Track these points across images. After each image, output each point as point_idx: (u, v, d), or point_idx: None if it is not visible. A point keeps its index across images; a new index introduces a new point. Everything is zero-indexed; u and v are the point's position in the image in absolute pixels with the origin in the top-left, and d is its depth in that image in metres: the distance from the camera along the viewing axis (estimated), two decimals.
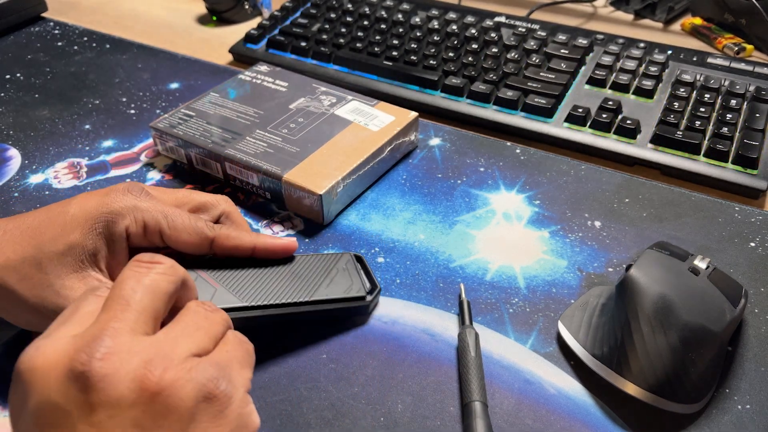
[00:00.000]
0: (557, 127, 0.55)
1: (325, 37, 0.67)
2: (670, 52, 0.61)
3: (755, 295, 0.41)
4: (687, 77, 0.57)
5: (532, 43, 0.62)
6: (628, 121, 0.53)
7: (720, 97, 0.56)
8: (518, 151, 0.54)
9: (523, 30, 0.65)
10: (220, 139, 0.50)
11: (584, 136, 0.54)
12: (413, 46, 0.64)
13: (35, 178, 0.52)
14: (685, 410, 0.34)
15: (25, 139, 0.56)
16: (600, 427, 0.34)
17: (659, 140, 0.52)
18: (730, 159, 0.50)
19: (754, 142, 0.50)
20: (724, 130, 0.51)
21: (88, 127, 0.58)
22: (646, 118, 0.54)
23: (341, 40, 0.65)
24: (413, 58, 0.62)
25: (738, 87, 0.55)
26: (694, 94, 0.56)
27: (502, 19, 0.67)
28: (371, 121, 0.52)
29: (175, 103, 0.61)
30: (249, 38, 0.69)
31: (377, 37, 0.65)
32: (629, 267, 0.37)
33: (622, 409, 0.34)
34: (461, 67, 0.61)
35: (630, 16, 0.79)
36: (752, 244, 0.44)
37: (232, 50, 0.69)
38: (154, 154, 0.54)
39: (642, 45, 0.62)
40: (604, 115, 0.54)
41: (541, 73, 0.59)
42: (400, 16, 0.68)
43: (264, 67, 0.59)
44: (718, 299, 0.35)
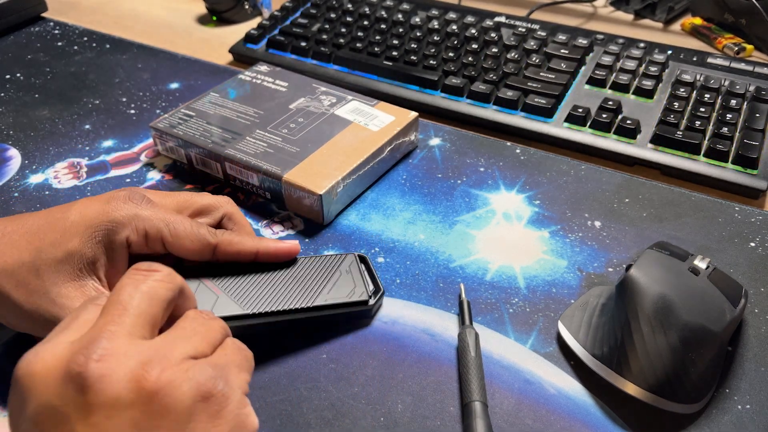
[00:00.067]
0: (557, 127, 0.55)
1: (325, 37, 0.67)
2: (670, 52, 0.61)
3: (755, 295, 0.41)
4: (687, 77, 0.57)
5: (532, 43, 0.62)
6: (628, 121, 0.53)
7: (720, 97, 0.56)
8: (518, 151, 0.54)
9: (523, 30, 0.65)
10: (220, 139, 0.50)
11: (584, 136, 0.54)
12: (413, 46, 0.64)
13: (35, 178, 0.52)
14: (685, 410, 0.34)
15: (25, 139, 0.56)
16: (600, 427, 0.34)
17: (659, 140, 0.52)
18: (730, 159, 0.50)
19: (754, 142, 0.50)
20: (724, 130, 0.51)
21: (88, 127, 0.58)
22: (646, 118, 0.54)
23: (341, 40, 0.65)
24: (413, 58, 0.62)
25: (738, 87, 0.55)
26: (694, 94, 0.56)
27: (502, 19, 0.67)
28: (371, 121, 0.52)
29: (175, 103, 0.61)
30: (249, 38, 0.69)
31: (377, 37, 0.65)
32: (629, 267, 0.37)
33: (622, 409, 0.34)
34: (461, 67, 0.61)
35: (630, 16, 0.79)
36: (752, 244, 0.44)
37: (232, 50, 0.69)
38: (154, 154, 0.54)
39: (642, 45, 0.62)
40: (604, 115, 0.54)
41: (541, 73, 0.59)
42: (400, 16, 0.68)
43: (264, 67, 0.59)
44: (718, 299, 0.35)
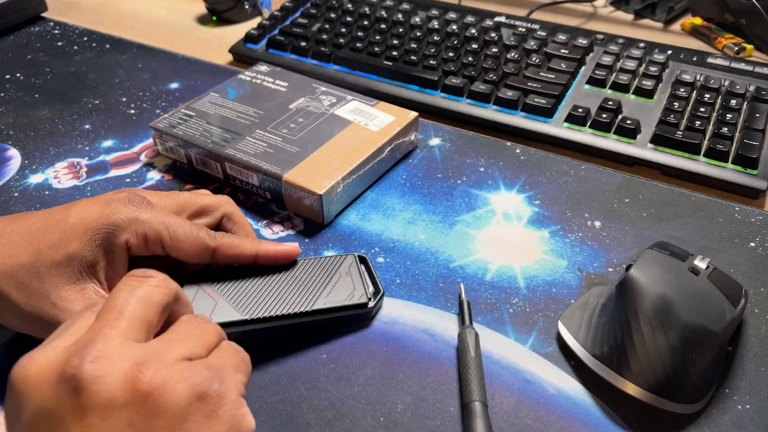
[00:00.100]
0: (557, 127, 0.55)
1: (325, 37, 0.67)
2: (670, 52, 0.61)
3: (755, 295, 0.41)
4: (687, 77, 0.57)
5: (532, 43, 0.62)
6: (628, 121, 0.53)
7: (720, 97, 0.56)
8: (518, 151, 0.54)
9: (523, 30, 0.65)
10: (220, 139, 0.50)
11: (584, 136, 0.54)
12: (413, 46, 0.64)
13: (35, 178, 0.52)
14: (685, 410, 0.34)
15: (25, 139, 0.56)
16: (600, 427, 0.34)
17: (659, 140, 0.52)
18: (730, 159, 0.50)
19: (754, 142, 0.50)
20: (724, 130, 0.51)
21: (88, 127, 0.58)
22: (646, 118, 0.54)
23: (341, 40, 0.65)
24: (413, 58, 0.62)
25: (738, 87, 0.55)
26: (694, 94, 0.56)
27: (502, 19, 0.67)
28: (371, 121, 0.52)
29: (175, 103, 0.61)
30: (249, 38, 0.69)
31: (377, 37, 0.65)
32: (629, 267, 0.37)
33: (622, 409, 0.34)
34: (461, 67, 0.61)
35: (630, 16, 0.79)
36: (752, 244, 0.44)
37: (232, 50, 0.69)
38: (154, 154, 0.54)
39: (642, 45, 0.62)
40: (604, 115, 0.54)
41: (541, 73, 0.59)
42: (400, 16, 0.68)
43: (264, 67, 0.59)
44: (718, 299, 0.35)
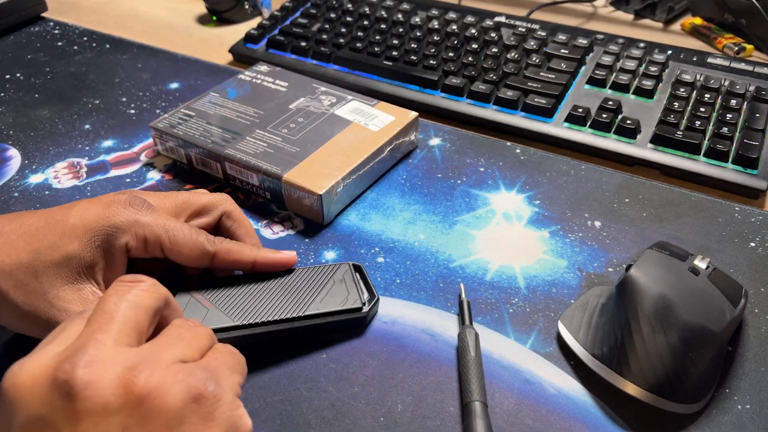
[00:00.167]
0: (557, 127, 0.55)
1: (325, 37, 0.67)
2: (670, 52, 0.61)
3: (755, 295, 0.41)
4: (687, 77, 0.57)
5: (532, 43, 0.62)
6: (628, 121, 0.53)
7: (720, 97, 0.56)
8: (518, 151, 0.54)
9: (523, 30, 0.65)
10: (220, 139, 0.50)
11: (584, 136, 0.54)
12: (413, 46, 0.64)
13: (35, 178, 0.52)
14: (685, 410, 0.34)
15: (25, 139, 0.56)
16: (600, 427, 0.34)
17: (659, 140, 0.52)
18: (730, 159, 0.50)
19: (754, 142, 0.50)
20: (724, 130, 0.51)
21: (88, 127, 0.58)
22: (646, 118, 0.54)
23: (341, 40, 0.65)
24: (413, 58, 0.62)
25: (738, 87, 0.55)
26: (694, 94, 0.56)
27: (502, 19, 0.67)
28: (371, 121, 0.52)
29: (175, 103, 0.61)
30: (249, 38, 0.69)
31: (377, 37, 0.65)
32: (629, 267, 0.37)
33: (622, 409, 0.34)
34: (461, 67, 0.61)
35: (630, 16, 0.79)
36: (752, 244, 0.44)
37: (232, 50, 0.69)
38: (154, 154, 0.54)
39: (642, 45, 0.62)
40: (604, 115, 0.54)
41: (541, 73, 0.59)
42: (400, 16, 0.68)
43: (264, 67, 0.59)
44: (718, 299, 0.35)
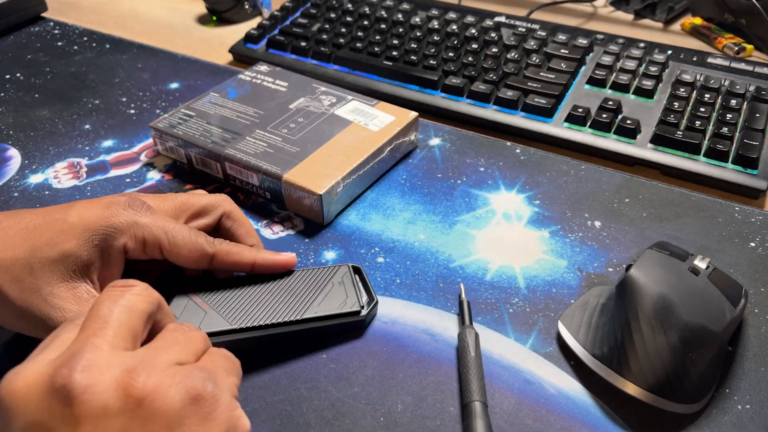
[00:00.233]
0: (557, 127, 0.55)
1: (325, 37, 0.67)
2: (670, 52, 0.61)
3: (755, 295, 0.41)
4: (687, 77, 0.57)
5: (532, 43, 0.62)
6: (628, 121, 0.53)
7: (720, 97, 0.56)
8: (518, 151, 0.54)
9: (523, 30, 0.65)
10: (220, 139, 0.50)
11: (584, 136, 0.54)
12: (413, 46, 0.64)
13: (35, 178, 0.52)
14: (685, 410, 0.34)
15: (25, 139, 0.56)
16: (600, 427, 0.34)
17: (659, 140, 0.52)
18: (730, 159, 0.50)
19: (754, 142, 0.50)
20: (724, 130, 0.51)
21: (88, 127, 0.58)
22: (646, 118, 0.54)
23: (341, 40, 0.65)
24: (413, 58, 0.62)
25: (738, 87, 0.55)
26: (694, 94, 0.56)
27: (502, 19, 0.67)
28: (371, 121, 0.52)
29: (175, 103, 0.61)
30: (249, 38, 0.69)
31: (377, 37, 0.65)
32: (629, 267, 0.37)
33: (622, 409, 0.34)
34: (461, 67, 0.61)
35: (630, 16, 0.79)
36: (752, 244, 0.44)
37: (232, 50, 0.69)
38: (154, 154, 0.54)
39: (642, 45, 0.62)
40: (604, 115, 0.54)
41: (541, 73, 0.59)
42: (400, 16, 0.68)
43: (264, 67, 0.59)
44: (718, 299, 0.35)
